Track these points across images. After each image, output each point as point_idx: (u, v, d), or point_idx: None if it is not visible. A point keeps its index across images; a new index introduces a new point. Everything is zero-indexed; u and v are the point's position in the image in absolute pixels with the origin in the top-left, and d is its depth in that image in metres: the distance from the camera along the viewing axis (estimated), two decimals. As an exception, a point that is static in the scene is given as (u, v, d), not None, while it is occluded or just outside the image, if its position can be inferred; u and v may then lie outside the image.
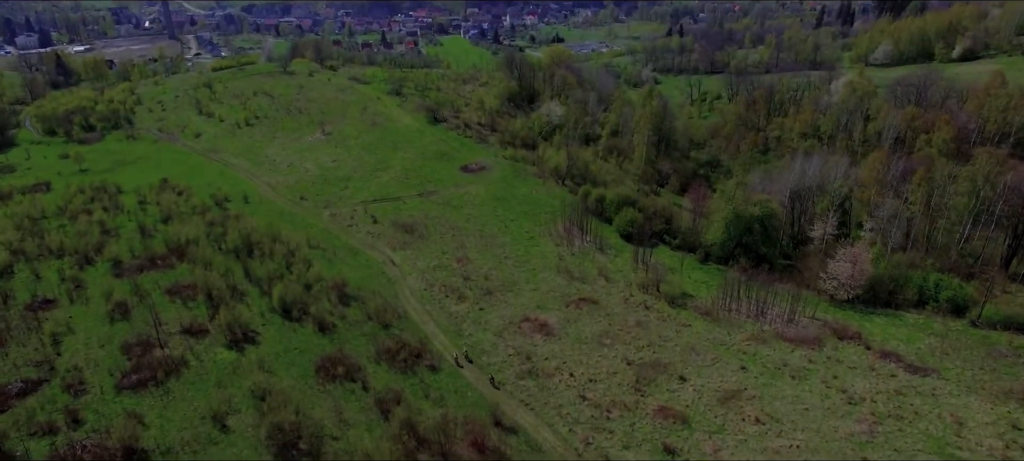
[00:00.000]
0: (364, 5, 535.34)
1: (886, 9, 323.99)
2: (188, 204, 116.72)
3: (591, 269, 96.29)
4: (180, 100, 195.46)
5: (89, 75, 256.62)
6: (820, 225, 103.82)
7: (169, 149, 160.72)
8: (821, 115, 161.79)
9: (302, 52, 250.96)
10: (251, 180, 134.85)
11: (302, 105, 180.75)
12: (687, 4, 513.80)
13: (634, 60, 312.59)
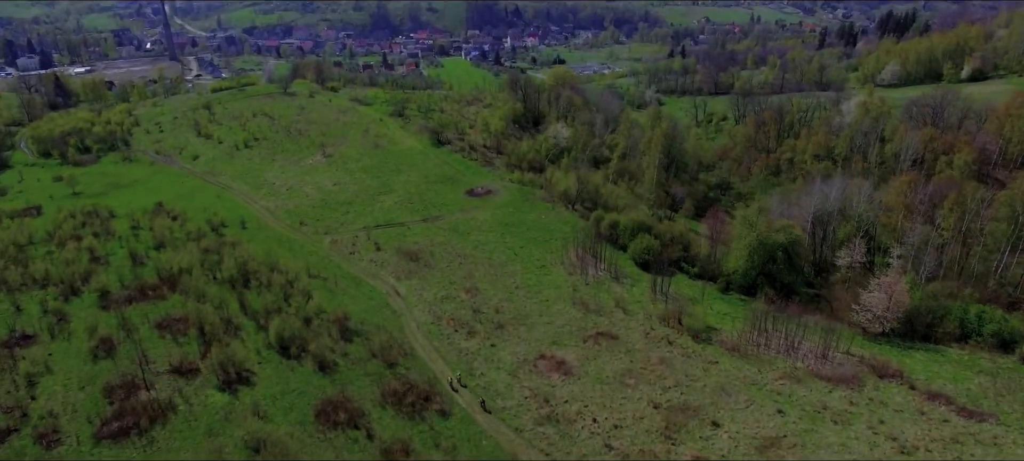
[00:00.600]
0: (365, 27, 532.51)
1: (888, 31, 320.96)
2: (183, 230, 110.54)
3: (607, 300, 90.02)
4: (178, 122, 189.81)
5: (88, 96, 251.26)
6: (846, 252, 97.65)
7: (166, 172, 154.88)
8: (834, 136, 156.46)
9: (303, 73, 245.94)
10: (249, 204, 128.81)
11: (302, 127, 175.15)
12: (687, 26, 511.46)
13: (637, 81, 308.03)
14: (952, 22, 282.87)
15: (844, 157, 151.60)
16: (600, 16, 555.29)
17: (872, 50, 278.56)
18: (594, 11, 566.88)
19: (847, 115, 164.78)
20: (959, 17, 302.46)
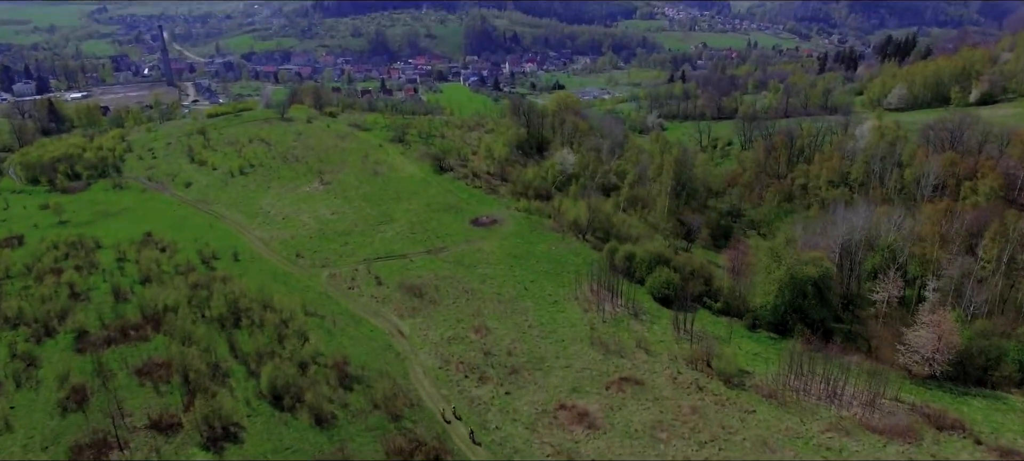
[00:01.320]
0: (363, 53, 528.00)
1: (888, 55, 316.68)
2: (171, 262, 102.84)
3: (628, 340, 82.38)
4: (172, 147, 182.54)
5: (82, 121, 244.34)
6: (882, 286, 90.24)
7: (157, 199, 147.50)
8: (849, 161, 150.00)
9: (301, 98, 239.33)
10: (242, 234, 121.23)
11: (300, 153, 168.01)
12: (685, 52, 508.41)
13: (638, 106, 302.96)
14: (954, 46, 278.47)
15: (860, 183, 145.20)
16: (598, 42, 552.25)
17: (875, 74, 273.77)
18: (592, 37, 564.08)
19: (861, 139, 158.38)
20: (959, 41, 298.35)
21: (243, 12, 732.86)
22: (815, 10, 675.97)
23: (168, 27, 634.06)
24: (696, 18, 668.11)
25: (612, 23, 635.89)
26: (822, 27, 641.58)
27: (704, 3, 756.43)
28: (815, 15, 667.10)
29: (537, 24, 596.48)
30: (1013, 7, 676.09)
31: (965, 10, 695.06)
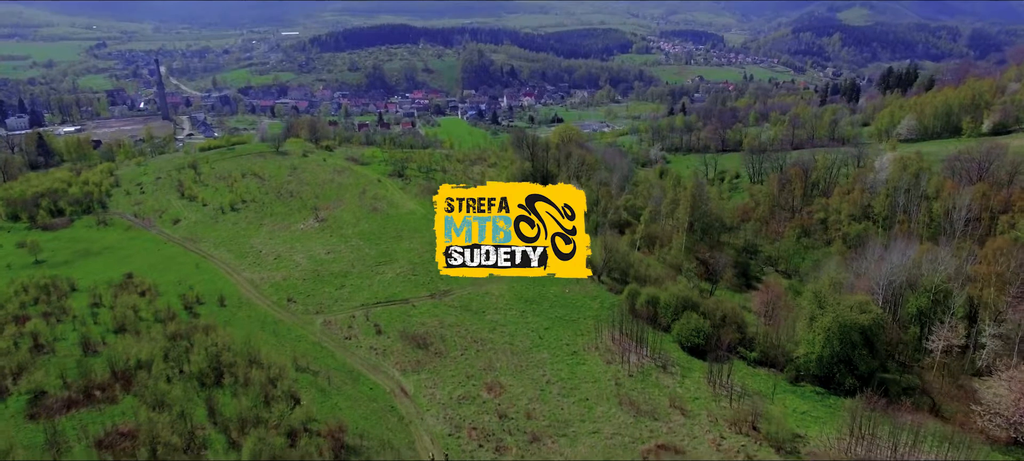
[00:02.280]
0: (360, 87, 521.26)
1: (889, 87, 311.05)
2: (151, 308, 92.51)
3: (660, 398, 72.33)
4: (161, 182, 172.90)
5: (71, 155, 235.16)
6: (939, 333, 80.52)
7: (142, 237, 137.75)
8: (871, 194, 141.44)
9: (297, 131, 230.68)
10: (231, 276, 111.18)
11: (294, 188, 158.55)
12: (682, 84, 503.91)
13: (639, 139, 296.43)
14: (958, 77, 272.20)
15: (884, 217, 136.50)
16: (595, 75, 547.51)
17: (879, 105, 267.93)
18: (589, 71, 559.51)
19: (881, 171, 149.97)
20: (962, 72, 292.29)
21: (241, 47, 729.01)
22: (808, 44, 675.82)
23: (165, 62, 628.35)
24: (691, 52, 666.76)
25: (608, 57, 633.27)
26: (816, 60, 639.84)
27: (698, 37, 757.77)
28: (808, 49, 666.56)
29: (534, 58, 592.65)
30: (1001, 41, 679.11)
31: (954, 44, 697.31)
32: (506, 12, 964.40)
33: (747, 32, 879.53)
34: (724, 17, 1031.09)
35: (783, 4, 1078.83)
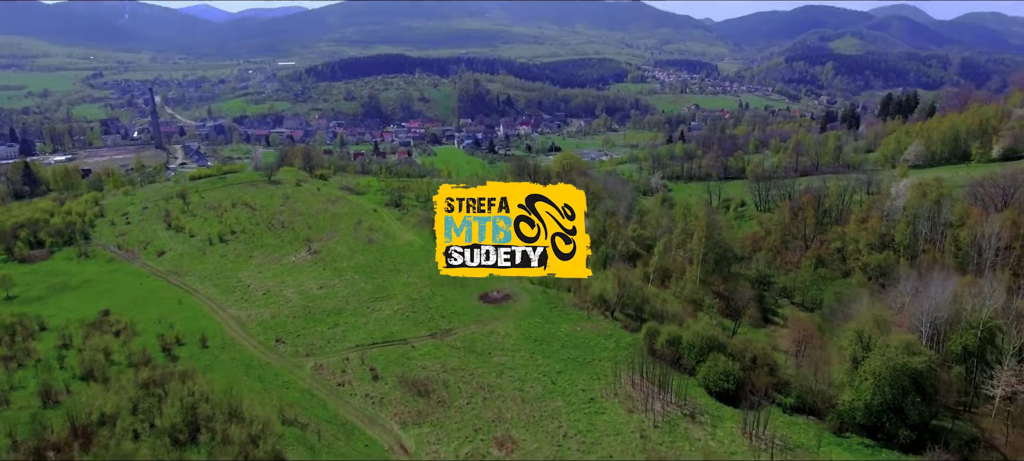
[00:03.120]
0: (356, 116, 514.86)
1: (890, 114, 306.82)
2: (124, 350, 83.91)
3: (692, 453, 63.76)
4: (148, 212, 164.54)
5: (58, 185, 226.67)
6: (1001, 378, 72.20)
7: (124, 270, 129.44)
8: (891, 223, 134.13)
9: (291, 160, 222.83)
10: (216, 313, 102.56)
11: (287, 218, 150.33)
12: (678, 113, 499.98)
13: (639, 167, 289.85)
14: (961, 103, 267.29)
15: (905, 245, 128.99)
16: (591, 104, 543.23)
17: (881, 132, 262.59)
18: (585, 100, 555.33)
19: (898, 198, 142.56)
20: (964, 98, 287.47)
21: (237, 77, 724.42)
22: (801, 73, 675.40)
23: (161, 91, 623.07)
24: (686, 81, 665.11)
25: (604, 86, 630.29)
26: (810, 88, 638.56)
27: (692, 67, 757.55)
28: (802, 77, 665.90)
29: (531, 88, 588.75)
30: (989, 70, 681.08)
31: (945, 73, 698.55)
32: (501, 42, 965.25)
33: (740, 61, 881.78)
34: (717, 47, 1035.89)
35: (774, 35, 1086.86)
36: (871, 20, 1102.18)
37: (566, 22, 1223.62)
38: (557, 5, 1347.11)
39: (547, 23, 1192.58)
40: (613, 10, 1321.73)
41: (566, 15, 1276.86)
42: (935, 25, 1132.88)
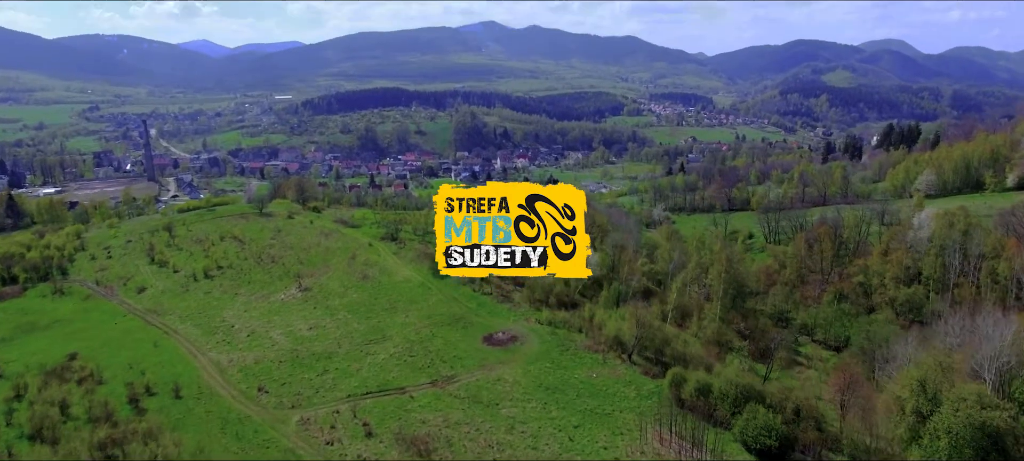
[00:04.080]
0: (352, 149, 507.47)
1: (892, 144, 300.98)
2: (85, 402, 74.10)
3: (738, 529, 53.93)
4: (132, 245, 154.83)
5: (43, 217, 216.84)
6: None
7: (100, 308, 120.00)
8: (918, 255, 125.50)
9: (284, 192, 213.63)
10: (194, 357, 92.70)
11: (277, 252, 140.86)
12: (675, 145, 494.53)
13: (640, 199, 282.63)
14: (966, 132, 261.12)
15: (935, 278, 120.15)
16: (588, 137, 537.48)
17: (885, 162, 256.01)
18: (582, 132, 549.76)
19: (922, 229, 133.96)
20: (969, 128, 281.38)
21: (234, 110, 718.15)
22: (796, 105, 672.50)
23: (157, 124, 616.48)
24: (682, 113, 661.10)
25: (601, 119, 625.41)
26: (806, 120, 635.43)
27: (688, 100, 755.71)
28: (797, 109, 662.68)
29: (527, 120, 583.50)
30: (980, 102, 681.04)
31: (937, 105, 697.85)
32: (497, 77, 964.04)
33: (734, 94, 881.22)
34: (711, 80, 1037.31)
35: (766, 69, 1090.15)
36: (862, 54, 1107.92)
37: (561, 57, 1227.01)
38: (552, 40, 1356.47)
39: (542, 58, 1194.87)
40: (607, 45, 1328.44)
41: (561, 50, 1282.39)
42: (924, 59, 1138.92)
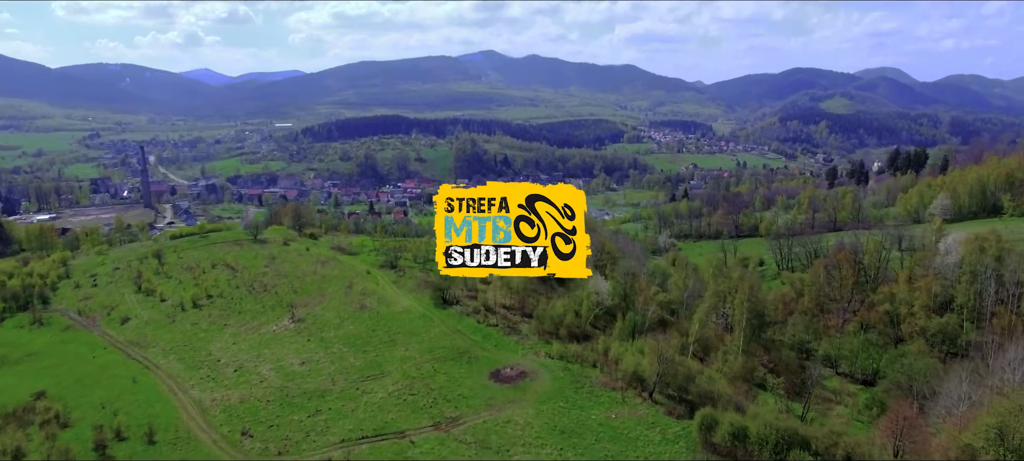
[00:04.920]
0: (352, 176, 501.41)
1: (899, 169, 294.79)
2: (44, 450, 65.56)
3: None
4: (119, 273, 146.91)
5: (32, 244, 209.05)
6: None
7: (79, 340, 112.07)
8: (949, 282, 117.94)
9: (280, 218, 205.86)
10: (175, 395, 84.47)
11: (270, 280, 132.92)
12: (676, 172, 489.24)
13: (644, 226, 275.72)
14: (975, 156, 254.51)
15: (970, 306, 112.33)
16: (589, 164, 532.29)
17: (894, 186, 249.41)
18: (583, 159, 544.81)
19: (949, 254, 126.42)
20: (978, 151, 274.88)
21: (234, 137, 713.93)
22: (796, 132, 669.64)
23: (156, 151, 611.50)
24: (683, 141, 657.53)
25: (601, 146, 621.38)
26: (806, 147, 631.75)
27: (688, 127, 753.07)
28: (797, 136, 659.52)
29: (528, 147, 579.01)
30: (978, 128, 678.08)
31: (936, 131, 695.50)
32: (497, 105, 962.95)
33: (734, 122, 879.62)
34: (710, 108, 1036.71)
35: (764, 96, 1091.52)
36: (858, 81, 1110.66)
37: (560, 85, 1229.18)
38: (551, 69, 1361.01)
39: (541, 87, 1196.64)
40: (606, 74, 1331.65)
41: (560, 78, 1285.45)
42: (920, 86, 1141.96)
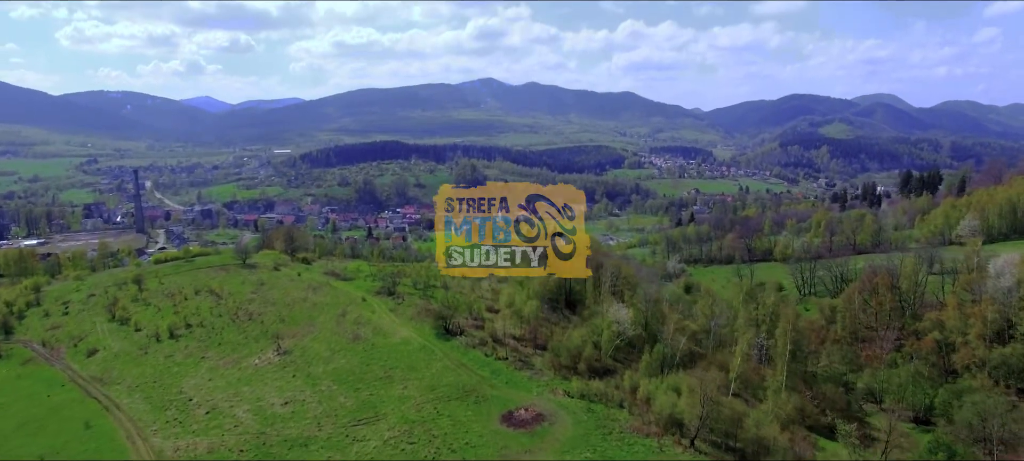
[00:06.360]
0: (350, 202, 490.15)
1: (911, 191, 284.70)
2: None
3: None
4: (94, 300, 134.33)
5: (11, 270, 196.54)
6: None
7: (37, 375, 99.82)
8: (1007, 308, 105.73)
9: (272, 242, 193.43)
10: (133, 442, 71.82)
11: (256, 308, 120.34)
12: (679, 197, 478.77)
13: (652, 251, 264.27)
14: (994, 176, 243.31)
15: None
16: (591, 189, 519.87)
17: (909, 209, 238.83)
18: (584, 185, 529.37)
19: (1002, 277, 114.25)
20: (997, 171, 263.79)
21: (231, 163, 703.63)
22: (797, 157, 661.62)
23: (153, 177, 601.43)
24: (684, 166, 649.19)
25: (602, 172, 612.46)
26: (807, 171, 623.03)
27: (688, 153, 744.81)
28: (798, 161, 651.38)
29: (528, 173, 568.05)
30: (978, 152, 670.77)
31: (937, 155, 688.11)
32: (496, 131, 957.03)
33: (733, 147, 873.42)
34: (709, 134, 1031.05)
35: (763, 122, 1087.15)
36: (856, 107, 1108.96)
37: (559, 112, 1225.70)
38: (550, 96, 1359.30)
39: (541, 113, 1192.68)
40: (605, 101, 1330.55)
41: (559, 105, 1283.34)
42: (917, 112, 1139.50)
